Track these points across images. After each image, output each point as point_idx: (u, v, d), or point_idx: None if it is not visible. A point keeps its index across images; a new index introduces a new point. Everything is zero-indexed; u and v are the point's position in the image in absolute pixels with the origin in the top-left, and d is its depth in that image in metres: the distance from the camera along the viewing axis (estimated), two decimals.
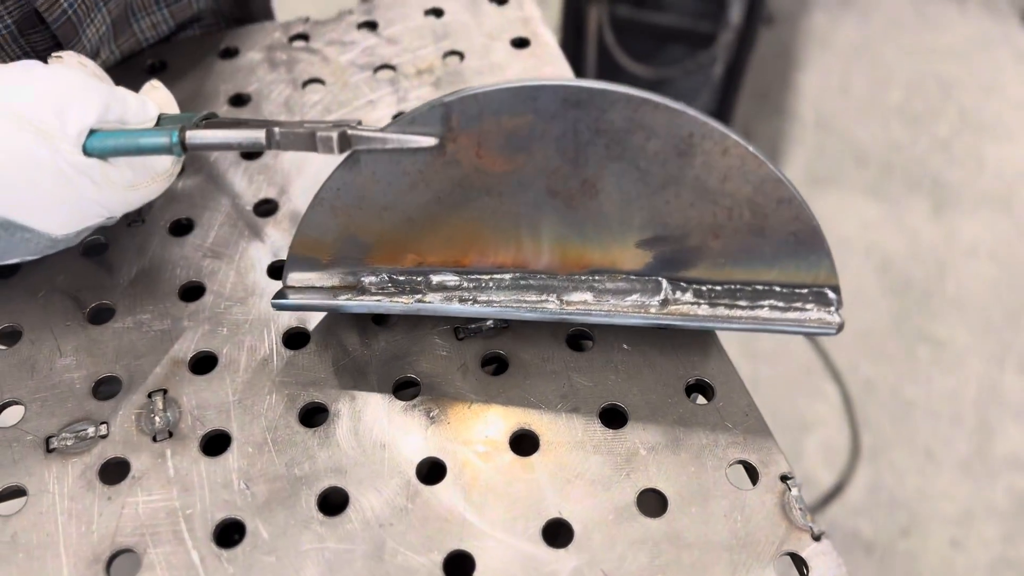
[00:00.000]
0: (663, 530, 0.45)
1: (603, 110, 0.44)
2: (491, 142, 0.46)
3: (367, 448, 0.48)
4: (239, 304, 0.54)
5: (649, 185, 0.46)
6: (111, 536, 0.45)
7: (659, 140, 0.44)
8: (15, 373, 0.51)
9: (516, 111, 0.45)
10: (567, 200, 0.47)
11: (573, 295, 0.50)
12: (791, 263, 0.47)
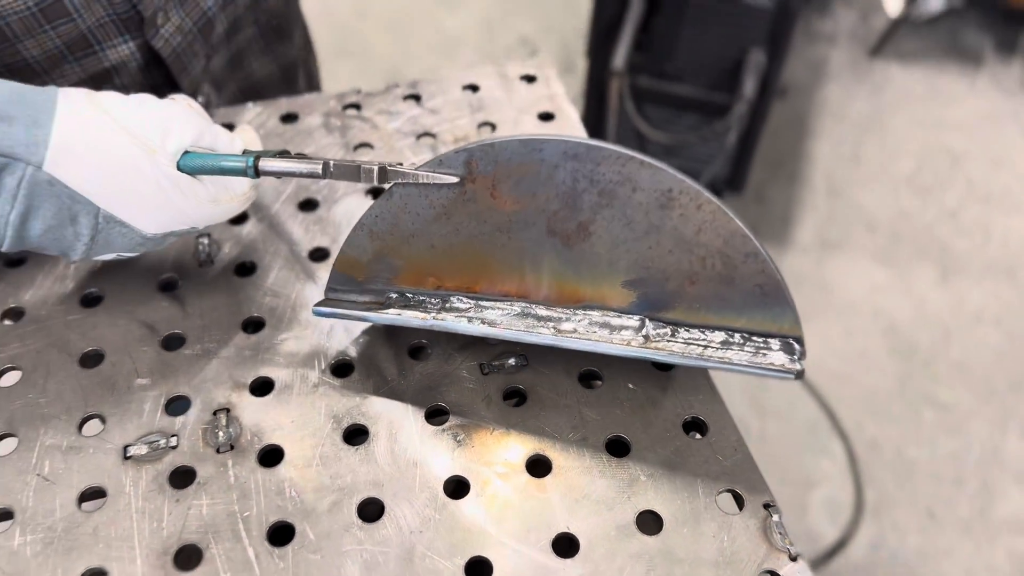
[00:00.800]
0: (658, 547, 0.51)
1: (596, 163, 0.51)
2: (503, 184, 0.53)
3: (401, 465, 0.55)
4: (294, 338, 0.61)
5: (634, 232, 0.53)
6: (178, 533, 0.51)
7: (643, 192, 0.52)
8: (97, 390, 0.58)
9: (525, 159, 0.52)
10: (564, 240, 0.55)
11: (566, 325, 0.57)
12: (758, 313, 0.54)
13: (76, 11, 0.66)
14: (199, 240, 0.67)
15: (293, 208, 0.70)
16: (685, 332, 0.56)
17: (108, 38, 0.69)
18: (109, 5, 0.68)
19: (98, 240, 0.54)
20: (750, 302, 0.53)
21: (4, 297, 0.63)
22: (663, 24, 1.70)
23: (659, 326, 0.56)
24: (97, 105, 0.53)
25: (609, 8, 1.70)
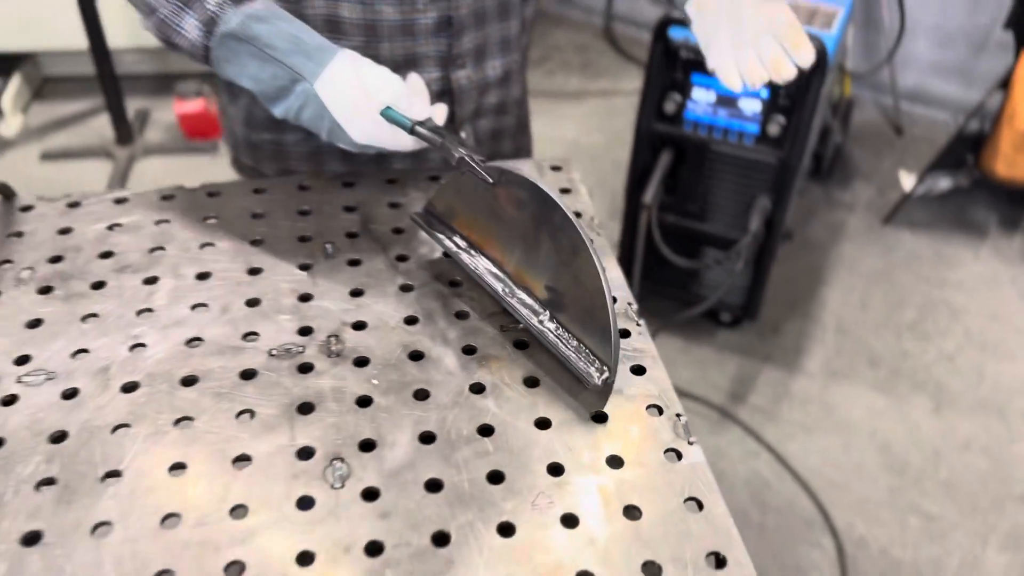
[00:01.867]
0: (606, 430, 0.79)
1: (553, 209, 0.82)
2: (511, 196, 0.86)
3: (443, 373, 0.84)
4: (387, 302, 0.92)
5: (556, 260, 0.84)
6: (301, 396, 0.81)
7: (567, 239, 0.82)
8: (257, 319, 0.89)
9: (523, 187, 0.84)
10: (525, 243, 0.86)
11: (512, 297, 0.89)
12: (596, 341, 0.81)
13: (422, 41, 1.06)
14: (325, 246, 0.99)
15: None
16: (561, 330, 0.85)
17: (426, 66, 1.09)
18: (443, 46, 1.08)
19: (333, 133, 0.91)
20: (594, 333, 0.82)
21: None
22: (687, 172, 2.06)
23: (552, 319, 0.86)
24: (356, 65, 0.91)
25: (643, 157, 2.07)
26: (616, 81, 3.56)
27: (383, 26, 1.05)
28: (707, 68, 0.97)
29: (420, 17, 1.05)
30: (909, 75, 3.43)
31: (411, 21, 1.05)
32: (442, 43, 1.09)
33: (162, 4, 0.93)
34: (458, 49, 1.10)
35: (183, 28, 0.93)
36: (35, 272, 0.94)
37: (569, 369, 0.83)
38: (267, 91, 0.93)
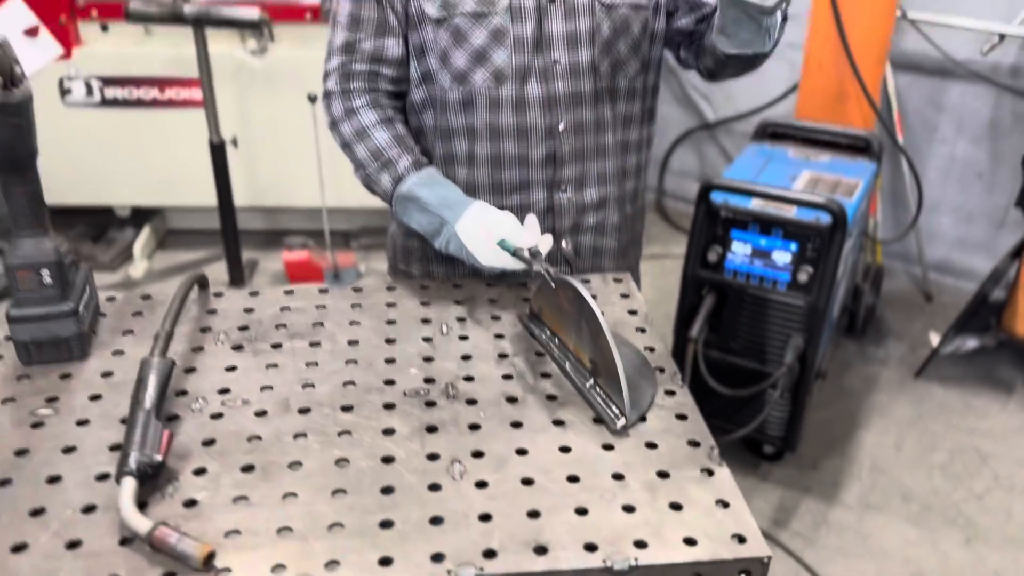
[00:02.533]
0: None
1: (583, 302, 1.10)
2: (565, 295, 1.15)
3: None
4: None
5: (591, 337, 1.11)
6: (428, 420, 1.07)
7: (593, 324, 1.09)
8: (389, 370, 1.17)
9: (570, 289, 1.13)
10: (578, 327, 1.14)
11: (572, 366, 1.16)
12: (618, 397, 1.07)
13: (534, 170, 1.45)
14: (442, 326, 1.28)
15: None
16: (598, 389, 1.11)
17: (536, 188, 1.47)
18: (548, 175, 1.46)
19: (470, 258, 1.26)
20: (615, 391, 1.08)
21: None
22: (728, 313, 2.33)
23: (595, 383, 1.12)
24: (483, 212, 1.27)
25: (689, 299, 2.36)
26: (667, 247, 3.92)
27: (505, 159, 1.43)
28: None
29: (532, 152, 1.42)
30: (936, 248, 3.72)
31: (526, 155, 1.43)
32: (548, 172, 1.45)
33: (369, 163, 1.38)
34: (560, 177, 1.45)
35: (380, 183, 1.38)
36: (229, 336, 1.25)
37: (604, 418, 1.09)
38: (427, 232, 1.33)
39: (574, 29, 1.38)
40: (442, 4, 1.35)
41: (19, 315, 1.12)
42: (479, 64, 1.37)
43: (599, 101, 1.44)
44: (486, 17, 1.35)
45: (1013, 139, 3.34)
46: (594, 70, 1.41)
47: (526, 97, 1.39)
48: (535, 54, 1.38)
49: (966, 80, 3.37)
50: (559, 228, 1.48)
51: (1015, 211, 3.26)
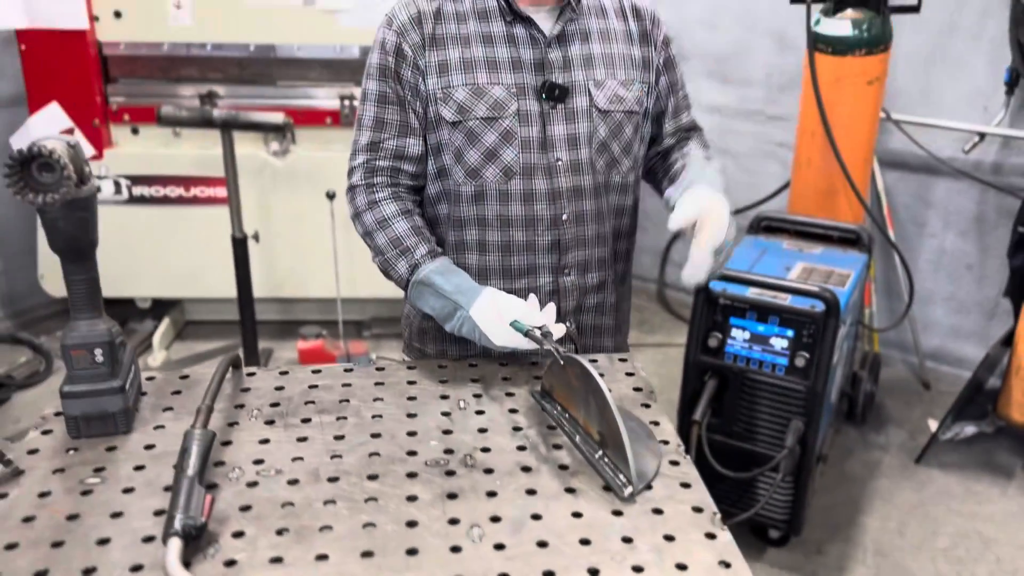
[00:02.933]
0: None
1: (590, 377, 1.19)
2: (574, 372, 1.23)
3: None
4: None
5: (598, 410, 1.19)
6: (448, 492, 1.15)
7: (600, 399, 1.18)
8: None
9: (577, 366, 1.22)
10: (586, 402, 1.22)
11: (582, 439, 1.23)
12: (624, 467, 1.15)
13: (540, 255, 1.58)
14: (459, 401, 1.36)
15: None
16: (607, 459, 1.18)
17: (542, 273, 1.59)
18: (554, 260, 1.59)
19: (483, 340, 1.34)
20: (621, 461, 1.15)
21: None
22: (729, 397, 2.41)
23: (603, 454, 1.19)
24: (494, 297, 1.36)
25: (692, 384, 2.43)
26: (669, 336, 4.01)
27: (514, 246, 1.55)
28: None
29: (539, 239, 1.55)
30: (932, 338, 3.80)
31: (533, 242, 1.55)
32: (553, 258, 1.57)
33: (388, 250, 1.49)
34: (564, 262, 1.58)
35: (397, 268, 1.49)
36: (262, 412, 1.33)
37: (613, 486, 1.16)
38: (440, 315, 1.43)
39: (574, 132, 1.53)
40: (457, 110, 1.50)
41: (72, 391, 1.21)
42: (490, 162, 1.51)
43: (597, 194, 1.58)
44: (496, 121, 1.50)
45: (999, 232, 3.46)
46: (592, 167, 1.56)
47: (533, 191, 1.53)
48: (540, 153, 1.52)
49: (951, 177, 3.51)
50: (564, 309, 1.59)
51: (1005, 301, 3.36)
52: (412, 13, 1.50)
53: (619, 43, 1.57)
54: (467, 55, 1.50)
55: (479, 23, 1.51)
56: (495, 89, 1.49)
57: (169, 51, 3.49)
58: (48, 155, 1.04)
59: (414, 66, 1.50)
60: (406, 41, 1.50)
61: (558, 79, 1.51)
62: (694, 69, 4.10)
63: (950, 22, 3.35)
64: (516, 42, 1.51)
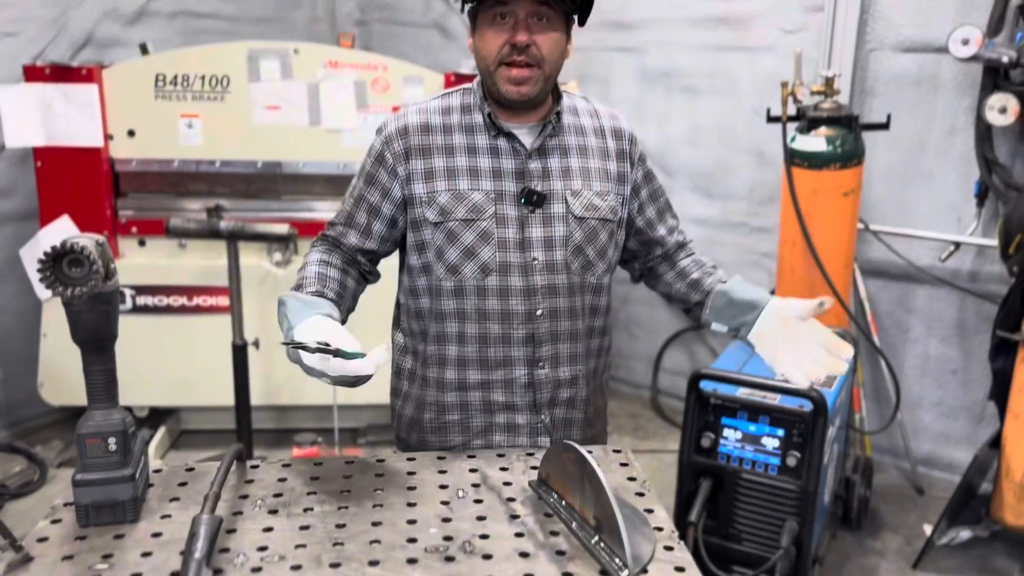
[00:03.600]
0: None
1: (585, 463, 1.23)
2: (570, 458, 1.26)
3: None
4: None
5: (593, 495, 1.23)
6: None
7: (595, 483, 1.22)
8: None
9: (573, 452, 1.26)
10: (582, 488, 1.25)
11: (579, 525, 1.25)
12: (619, 551, 1.18)
13: (515, 348, 1.65)
14: (458, 491, 1.39)
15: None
16: (602, 543, 1.21)
17: (517, 365, 1.66)
18: (528, 353, 1.66)
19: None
20: (617, 545, 1.18)
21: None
22: (724, 498, 2.42)
23: (599, 538, 1.22)
24: (321, 322, 1.40)
25: (687, 485, 2.45)
26: (663, 443, 4.02)
27: (491, 338, 1.62)
28: (777, 375, 1.54)
29: (514, 332, 1.62)
30: (922, 443, 3.82)
31: (509, 335, 1.62)
32: (528, 351, 1.64)
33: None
34: (539, 355, 1.65)
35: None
36: (265, 502, 1.36)
37: (609, 570, 1.18)
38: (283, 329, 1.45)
39: (551, 235, 1.63)
40: (439, 211, 1.62)
41: (84, 479, 1.24)
42: (468, 259, 1.62)
43: (571, 293, 1.66)
44: (475, 222, 1.61)
45: (980, 337, 3.54)
46: (567, 267, 1.65)
47: (509, 287, 1.62)
48: (517, 252, 1.62)
49: (931, 284, 3.63)
50: (539, 400, 1.67)
51: (992, 405, 3.40)
52: (400, 125, 1.65)
53: (596, 158, 1.68)
54: (451, 164, 1.62)
55: (465, 136, 1.64)
56: (474, 194, 1.61)
57: (179, 167, 3.64)
58: (79, 251, 1.12)
59: (393, 172, 1.64)
60: (389, 150, 1.64)
61: (537, 187, 1.62)
62: (679, 184, 4.29)
63: (919, 139, 3.54)
64: (499, 153, 1.63)
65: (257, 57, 3.53)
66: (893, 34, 3.50)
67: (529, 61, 1.54)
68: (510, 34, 1.53)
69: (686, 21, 4.10)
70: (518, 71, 1.54)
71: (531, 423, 1.68)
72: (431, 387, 1.70)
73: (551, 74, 1.59)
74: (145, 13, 4.25)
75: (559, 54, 1.59)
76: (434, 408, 1.69)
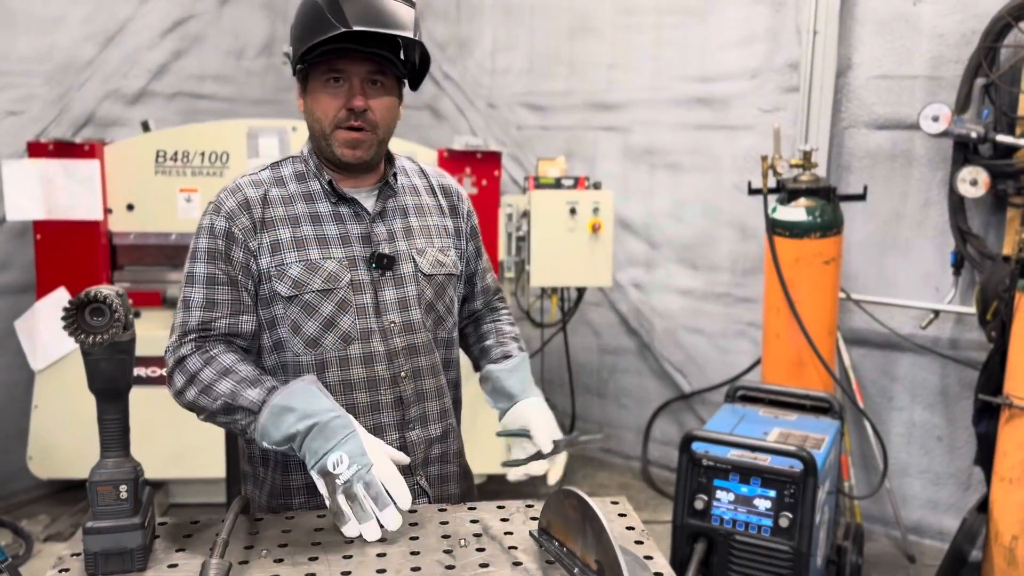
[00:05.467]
0: None
1: (587, 507, 1.26)
2: (571, 504, 1.29)
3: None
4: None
5: (595, 539, 1.26)
6: None
7: (596, 526, 1.24)
8: None
9: (575, 498, 1.29)
10: (583, 532, 1.28)
11: (581, 570, 1.27)
12: None
13: (384, 414, 1.63)
14: (460, 540, 1.42)
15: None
16: None
17: (388, 431, 1.64)
18: (398, 416, 1.65)
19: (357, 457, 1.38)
20: None
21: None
22: (718, 560, 2.43)
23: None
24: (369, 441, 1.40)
25: (681, 549, 2.46)
26: (655, 514, 4.01)
27: (359, 407, 1.60)
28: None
29: (382, 398, 1.63)
30: (912, 511, 3.84)
31: (376, 402, 1.62)
32: (397, 415, 1.64)
33: (236, 388, 1.49)
34: (408, 417, 1.65)
35: (248, 395, 1.48)
36: (271, 552, 1.38)
37: None
38: (302, 433, 1.42)
39: (404, 295, 1.65)
40: (293, 284, 1.57)
41: (95, 527, 1.26)
42: (328, 330, 1.59)
43: (429, 350, 1.68)
44: (332, 292, 1.58)
45: (963, 403, 3.60)
46: (423, 325, 1.67)
47: (372, 353, 1.61)
48: (375, 317, 1.62)
49: (913, 352, 3.70)
50: (413, 463, 1.64)
51: (978, 471, 3.44)
52: (240, 200, 1.59)
53: (433, 216, 1.74)
54: (298, 234, 1.59)
55: (306, 204, 1.62)
56: (328, 263, 1.59)
57: (176, 240, 3.71)
58: (102, 300, 1.17)
59: (245, 247, 1.57)
60: (236, 225, 1.57)
61: (384, 250, 1.63)
62: (664, 256, 4.39)
63: (896, 211, 3.67)
64: (343, 219, 1.63)
65: (256, 134, 3.65)
66: (866, 112, 3.67)
67: (364, 125, 1.57)
68: (346, 98, 1.55)
69: (668, 102, 4.28)
70: (354, 135, 1.57)
71: (408, 485, 1.50)
72: (296, 469, 1.64)
73: (385, 137, 1.63)
74: (145, 94, 4.39)
75: (392, 118, 1.62)
76: (303, 491, 1.64)
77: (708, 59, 4.12)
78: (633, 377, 4.60)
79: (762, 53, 3.94)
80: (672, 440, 4.49)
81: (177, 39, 4.49)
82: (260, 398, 1.46)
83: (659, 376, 4.52)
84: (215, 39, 4.67)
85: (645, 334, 4.50)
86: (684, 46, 4.18)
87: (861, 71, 3.66)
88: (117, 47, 4.23)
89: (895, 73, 3.58)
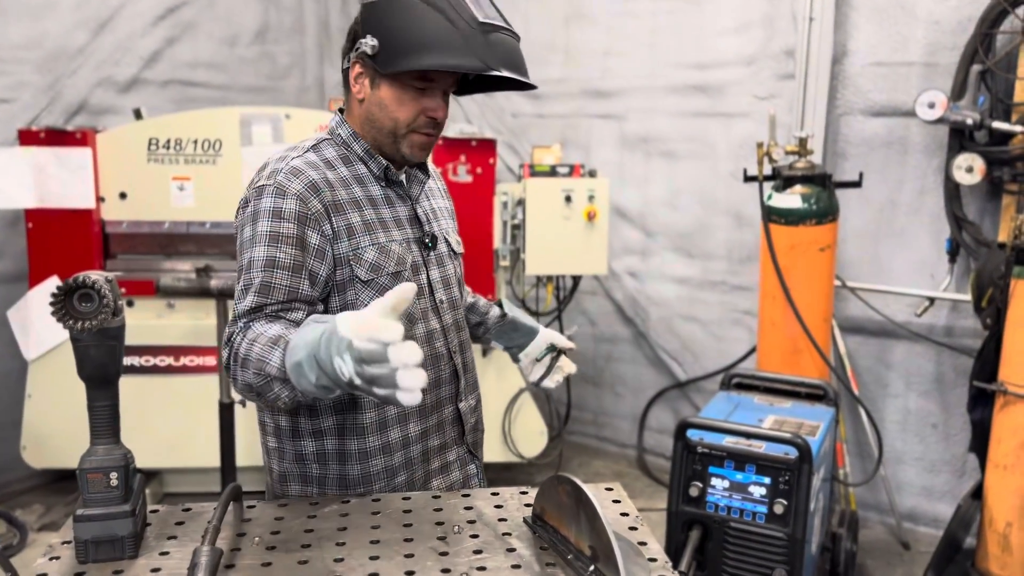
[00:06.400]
0: None
1: (580, 491, 1.26)
2: (564, 490, 1.28)
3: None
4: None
5: (588, 524, 1.25)
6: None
7: (588, 515, 1.25)
8: None
9: (568, 483, 1.29)
10: (577, 518, 1.27)
11: (575, 557, 1.26)
12: (614, 574, 1.20)
13: (444, 388, 1.71)
14: (454, 527, 1.41)
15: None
16: (599, 573, 1.23)
17: (446, 405, 1.73)
18: (454, 389, 1.73)
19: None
20: (615, 570, 1.19)
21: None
22: (713, 547, 2.43)
23: (595, 569, 1.23)
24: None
25: (676, 536, 2.46)
26: (650, 501, 4.01)
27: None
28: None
29: (442, 373, 1.70)
30: (906, 498, 3.85)
31: (437, 377, 1.68)
32: (453, 388, 1.72)
33: (263, 354, 1.36)
34: (460, 388, 1.73)
35: (272, 361, 1.33)
36: (263, 539, 1.37)
37: None
38: (319, 364, 1.22)
39: (446, 274, 1.72)
40: (370, 268, 1.56)
41: (85, 514, 1.25)
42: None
43: (465, 325, 1.80)
44: (400, 275, 1.60)
45: (958, 391, 3.61)
46: (461, 301, 1.78)
47: (430, 331, 1.67)
48: (428, 297, 1.68)
49: (908, 339, 3.71)
50: (465, 430, 1.75)
51: (973, 458, 3.45)
52: (306, 182, 1.52)
53: (444, 199, 1.83)
54: (366, 217, 1.57)
55: (360, 187, 1.60)
56: (394, 246, 1.60)
57: (169, 229, 3.70)
58: (90, 286, 1.16)
59: (320, 232, 1.51)
60: (308, 208, 1.50)
61: (434, 230, 1.71)
62: (660, 244, 4.38)
63: (891, 199, 3.66)
64: (392, 202, 1.65)
65: (249, 122, 3.62)
66: (862, 99, 3.66)
67: (436, 131, 1.62)
68: (431, 106, 1.56)
69: (664, 89, 4.26)
70: (429, 139, 1.61)
71: (460, 455, 1.77)
72: (373, 456, 1.64)
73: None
74: (138, 81, 4.36)
75: None
76: (383, 475, 1.66)
77: (704, 46, 4.10)
78: (628, 365, 4.60)
79: (758, 40, 3.93)
80: (667, 428, 4.50)
81: (169, 26, 4.45)
82: (280, 359, 1.32)
83: (654, 364, 4.51)
84: (208, 26, 4.64)
85: (640, 322, 4.50)
86: (679, 33, 4.16)
87: (857, 58, 3.64)
88: (109, 34, 4.20)
89: (891, 60, 3.57)
